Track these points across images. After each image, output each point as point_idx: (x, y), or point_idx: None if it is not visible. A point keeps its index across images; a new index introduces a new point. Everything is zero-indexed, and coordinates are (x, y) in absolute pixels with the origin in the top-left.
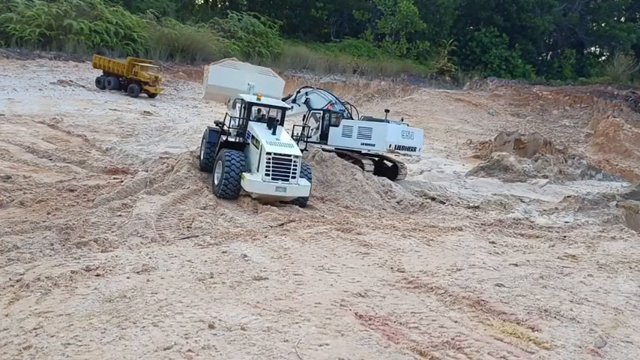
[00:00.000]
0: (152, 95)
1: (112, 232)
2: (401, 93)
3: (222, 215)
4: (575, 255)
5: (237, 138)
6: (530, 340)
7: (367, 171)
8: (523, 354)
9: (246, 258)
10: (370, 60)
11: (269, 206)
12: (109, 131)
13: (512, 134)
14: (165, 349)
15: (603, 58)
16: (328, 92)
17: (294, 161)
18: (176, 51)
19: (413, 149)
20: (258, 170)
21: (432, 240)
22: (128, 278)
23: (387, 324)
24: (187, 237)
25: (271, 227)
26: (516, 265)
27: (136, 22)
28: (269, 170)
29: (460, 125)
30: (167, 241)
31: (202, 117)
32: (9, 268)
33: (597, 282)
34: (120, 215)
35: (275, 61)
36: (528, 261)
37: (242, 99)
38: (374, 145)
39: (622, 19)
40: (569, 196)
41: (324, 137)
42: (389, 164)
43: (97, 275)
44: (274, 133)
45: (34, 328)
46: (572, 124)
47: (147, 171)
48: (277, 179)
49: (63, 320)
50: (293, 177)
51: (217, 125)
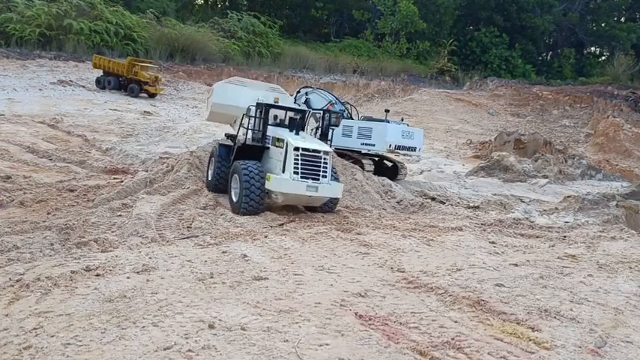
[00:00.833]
0: (152, 95)
1: (112, 232)
2: (401, 93)
3: (222, 215)
4: (575, 255)
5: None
6: (530, 340)
7: (367, 171)
8: (523, 354)
9: (246, 258)
10: (370, 60)
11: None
12: (109, 131)
13: (512, 134)
14: (165, 349)
15: (603, 58)
16: (328, 92)
17: (324, 158)
18: (176, 51)
19: (413, 149)
20: (283, 172)
21: (432, 240)
22: (128, 278)
23: (387, 324)
24: (187, 237)
25: (271, 227)
26: (516, 265)
27: (136, 22)
28: (297, 167)
29: (460, 125)
30: (167, 241)
31: (202, 117)
32: (9, 268)
33: (597, 282)
34: (120, 215)
35: (275, 61)
36: (528, 261)
37: (259, 103)
38: (374, 145)
39: (622, 19)
40: (569, 196)
41: (324, 137)
42: (389, 164)
43: (97, 275)
44: (297, 134)
45: (34, 328)
46: (572, 124)
47: (147, 171)
48: (307, 178)
49: (63, 320)
50: (324, 176)
51: (228, 138)
